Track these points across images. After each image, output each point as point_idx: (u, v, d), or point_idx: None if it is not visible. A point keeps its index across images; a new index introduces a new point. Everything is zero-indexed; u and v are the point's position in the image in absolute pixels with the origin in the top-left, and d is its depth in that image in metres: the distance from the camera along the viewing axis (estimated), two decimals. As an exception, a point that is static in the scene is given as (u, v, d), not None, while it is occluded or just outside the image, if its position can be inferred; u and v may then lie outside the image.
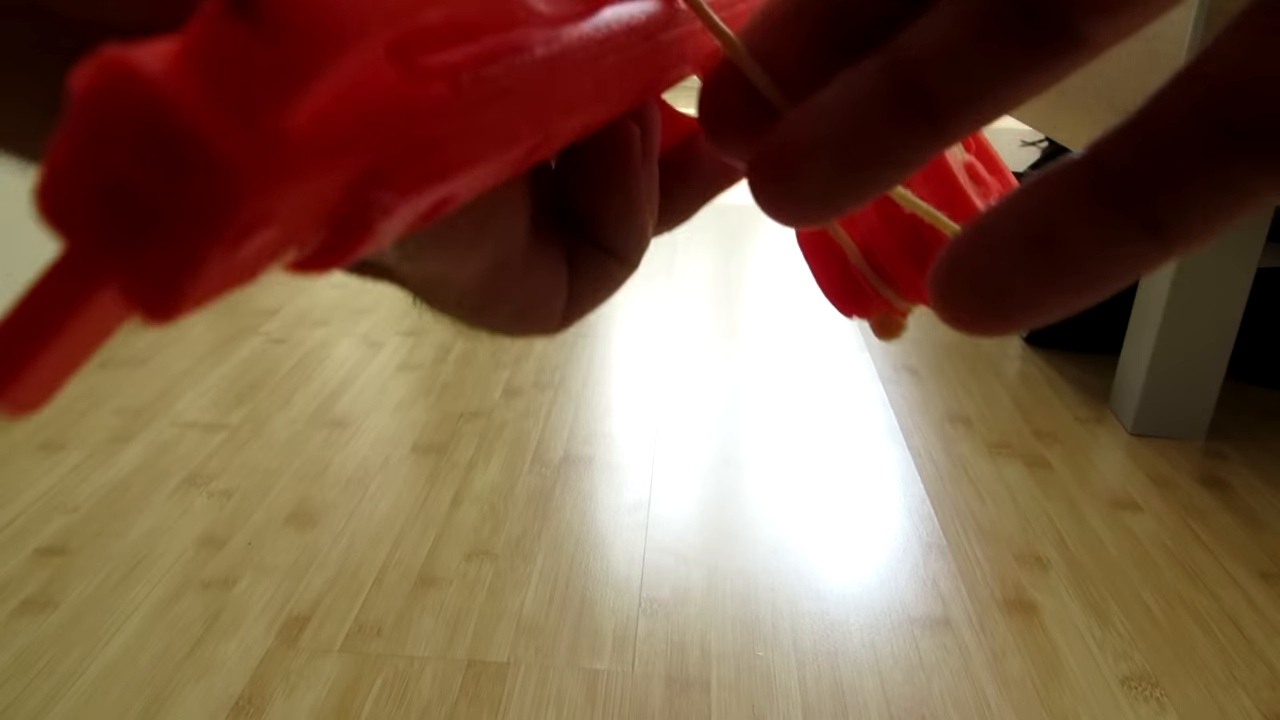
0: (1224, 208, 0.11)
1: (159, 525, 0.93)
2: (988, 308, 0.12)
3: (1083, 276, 0.12)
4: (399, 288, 0.17)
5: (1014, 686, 0.76)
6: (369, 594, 0.84)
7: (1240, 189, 0.11)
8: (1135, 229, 0.12)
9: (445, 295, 0.17)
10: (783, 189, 0.13)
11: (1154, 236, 0.12)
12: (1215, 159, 0.11)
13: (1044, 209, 0.12)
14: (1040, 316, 0.12)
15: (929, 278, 0.13)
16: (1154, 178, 0.11)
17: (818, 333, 1.43)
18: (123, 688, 0.74)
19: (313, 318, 1.44)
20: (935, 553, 0.93)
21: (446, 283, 0.16)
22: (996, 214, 0.12)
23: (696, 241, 1.85)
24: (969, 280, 0.12)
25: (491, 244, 0.16)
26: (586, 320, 1.44)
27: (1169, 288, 1.09)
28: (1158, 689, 0.77)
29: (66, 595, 0.83)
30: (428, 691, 0.74)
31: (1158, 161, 0.11)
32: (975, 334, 0.13)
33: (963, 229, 0.13)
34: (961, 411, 1.21)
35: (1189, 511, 1.01)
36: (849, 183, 0.13)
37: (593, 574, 0.88)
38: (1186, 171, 0.11)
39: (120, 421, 1.12)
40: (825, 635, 0.81)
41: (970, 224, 0.12)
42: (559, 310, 0.19)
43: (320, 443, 1.09)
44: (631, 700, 0.74)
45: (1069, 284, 0.12)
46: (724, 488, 1.02)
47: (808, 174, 0.13)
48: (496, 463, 1.06)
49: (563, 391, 1.23)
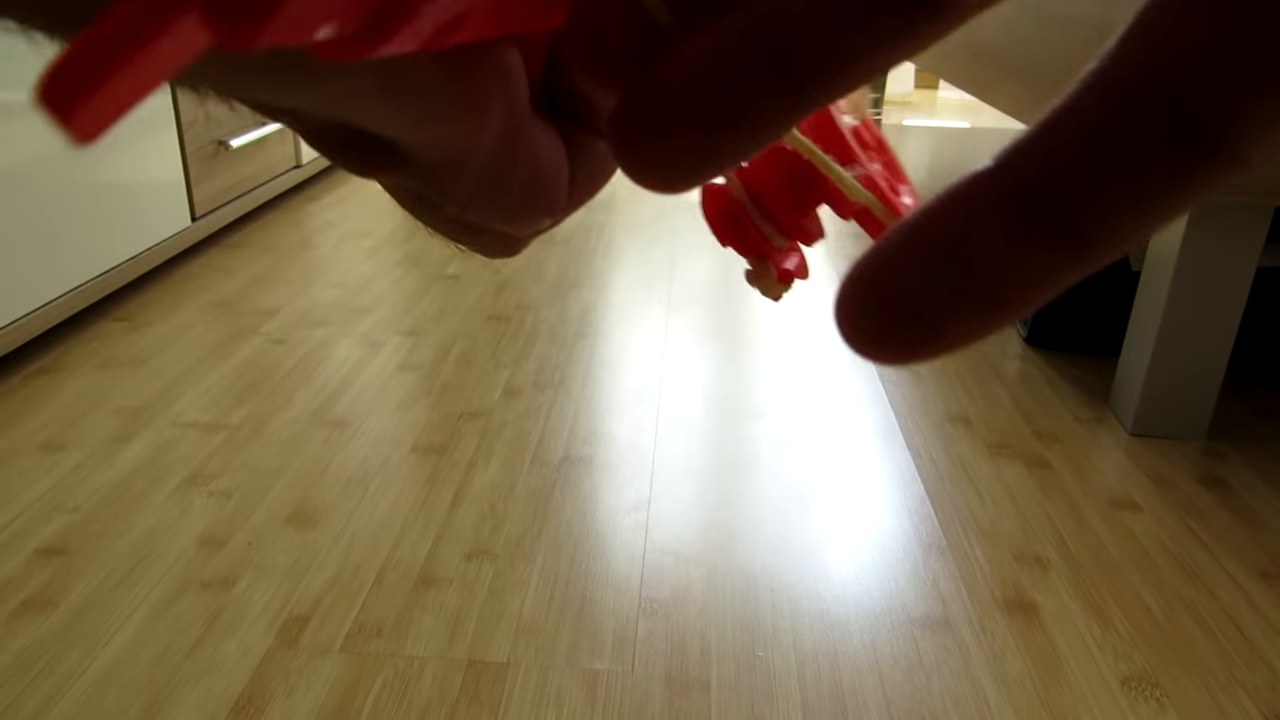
0: (1143, 216, 0.11)
1: (159, 525, 0.93)
2: (897, 330, 0.11)
3: (1000, 295, 0.11)
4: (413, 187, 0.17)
5: (1014, 686, 0.76)
6: (369, 594, 0.84)
7: (1155, 195, 0.11)
8: (1053, 242, 0.11)
9: (459, 176, 0.17)
10: (647, 156, 0.13)
11: (1073, 249, 0.11)
12: (1124, 165, 0.11)
13: (956, 224, 0.11)
14: (950, 341, 0.11)
15: (836, 298, 0.12)
16: (1067, 189, 0.11)
17: (817, 333, 1.43)
18: (123, 688, 0.74)
19: (313, 318, 1.44)
20: (935, 553, 0.93)
21: (462, 158, 0.16)
22: (905, 231, 0.12)
23: (696, 243, 1.85)
24: (875, 301, 0.12)
25: (500, 106, 0.15)
26: (587, 320, 1.44)
27: (1169, 288, 1.09)
28: (1157, 689, 0.77)
29: (66, 595, 0.83)
30: (428, 691, 0.74)
31: (1069, 172, 0.11)
32: (878, 359, 0.12)
33: (868, 250, 0.12)
34: (961, 412, 1.21)
35: (1189, 511, 1.01)
36: (716, 149, 0.12)
37: (593, 574, 0.88)
38: (1099, 181, 0.11)
39: (120, 421, 1.12)
40: (825, 635, 0.81)
41: (877, 242, 0.12)
42: (564, 186, 0.18)
43: (320, 443, 1.09)
44: (631, 700, 0.74)
45: (985, 303, 0.11)
46: (724, 488, 1.02)
47: (672, 142, 0.12)
48: (496, 463, 1.06)
49: (563, 391, 1.23)
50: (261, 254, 1.72)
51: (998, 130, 3.13)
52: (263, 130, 1.81)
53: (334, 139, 0.15)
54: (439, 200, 0.17)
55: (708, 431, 1.14)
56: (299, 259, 1.70)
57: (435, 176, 0.16)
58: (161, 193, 1.52)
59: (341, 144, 0.15)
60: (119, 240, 1.41)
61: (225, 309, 1.46)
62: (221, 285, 1.56)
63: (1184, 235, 1.07)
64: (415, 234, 1.85)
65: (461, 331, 1.40)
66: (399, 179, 0.17)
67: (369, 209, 2.01)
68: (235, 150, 1.75)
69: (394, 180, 0.17)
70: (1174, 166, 0.11)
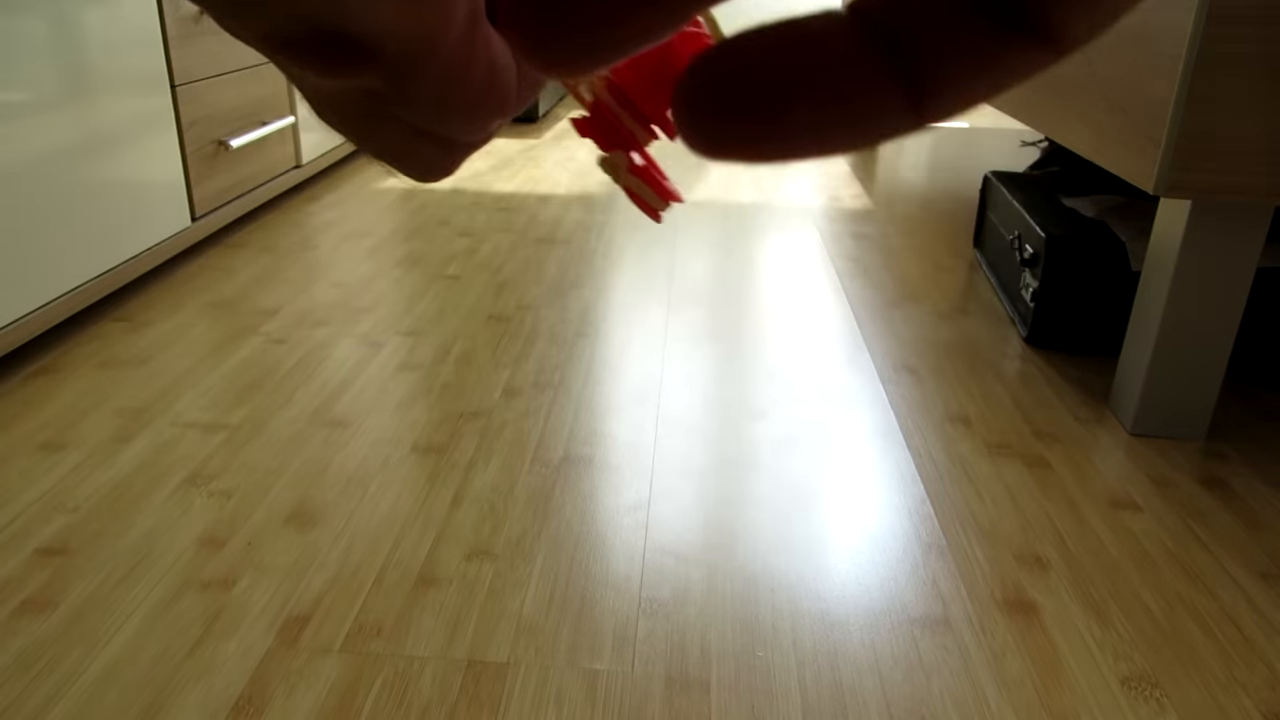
0: (979, 80, 0.11)
1: (159, 525, 0.93)
2: (732, 122, 0.12)
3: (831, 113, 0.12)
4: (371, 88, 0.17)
5: (1014, 687, 0.76)
6: (369, 594, 0.85)
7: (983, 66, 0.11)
8: (891, 81, 0.11)
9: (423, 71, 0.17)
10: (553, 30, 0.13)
11: (910, 99, 0.11)
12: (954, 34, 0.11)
13: (806, 41, 0.12)
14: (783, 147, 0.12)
15: (677, 87, 0.12)
16: (910, 36, 0.11)
17: (817, 333, 1.43)
18: (123, 688, 0.74)
19: (313, 318, 1.44)
20: (935, 553, 0.93)
21: (429, 49, 0.16)
22: (751, 37, 0.12)
23: (696, 242, 1.85)
24: (717, 88, 0.12)
25: None
26: (587, 320, 1.44)
27: (1169, 288, 1.09)
28: (1157, 689, 0.77)
29: (66, 595, 0.83)
30: (428, 691, 0.74)
31: (912, 21, 0.11)
32: (714, 156, 0.12)
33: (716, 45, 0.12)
34: (961, 412, 1.21)
35: (1189, 512, 1.01)
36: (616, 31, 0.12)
37: (593, 574, 0.88)
38: (941, 36, 0.11)
39: (120, 421, 1.12)
40: (825, 635, 0.81)
41: (725, 42, 0.12)
42: (514, 82, 0.19)
43: (320, 443, 1.09)
44: (631, 700, 0.74)
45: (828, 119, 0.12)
46: (724, 488, 1.03)
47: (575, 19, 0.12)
48: (496, 463, 1.06)
49: (563, 391, 1.23)
50: (261, 254, 1.72)
51: (998, 130, 3.13)
52: (263, 130, 1.81)
53: (298, 38, 0.15)
54: (397, 102, 0.17)
55: (708, 431, 1.14)
56: (299, 259, 1.70)
57: (399, 73, 0.16)
58: (161, 193, 1.52)
59: (306, 43, 0.15)
60: (119, 240, 1.41)
61: (225, 309, 1.46)
62: (221, 285, 1.56)
63: (1184, 235, 1.07)
64: (415, 234, 1.85)
65: (461, 331, 1.40)
66: (360, 79, 0.17)
67: (369, 209, 2.01)
68: (235, 150, 1.75)
69: (354, 80, 0.17)
70: (996, 43, 0.11)
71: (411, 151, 0.20)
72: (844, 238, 1.90)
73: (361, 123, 0.19)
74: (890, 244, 1.88)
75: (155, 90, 1.49)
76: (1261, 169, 0.99)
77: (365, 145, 0.19)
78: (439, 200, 2.10)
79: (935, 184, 2.37)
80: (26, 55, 1.21)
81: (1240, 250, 1.07)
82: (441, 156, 0.20)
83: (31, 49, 1.22)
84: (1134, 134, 1.05)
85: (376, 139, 0.19)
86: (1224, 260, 1.08)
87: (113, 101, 1.39)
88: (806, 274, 1.69)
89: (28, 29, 1.21)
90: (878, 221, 2.03)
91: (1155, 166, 1.00)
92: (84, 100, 1.33)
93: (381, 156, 0.20)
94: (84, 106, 1.33)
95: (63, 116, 1.28)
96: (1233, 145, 0.98)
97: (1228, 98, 0.97)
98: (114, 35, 1.39)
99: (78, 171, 1.31)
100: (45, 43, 1.24)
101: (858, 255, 1.80)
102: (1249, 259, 1.08)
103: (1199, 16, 0.95)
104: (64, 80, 1.28)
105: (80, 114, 1.32)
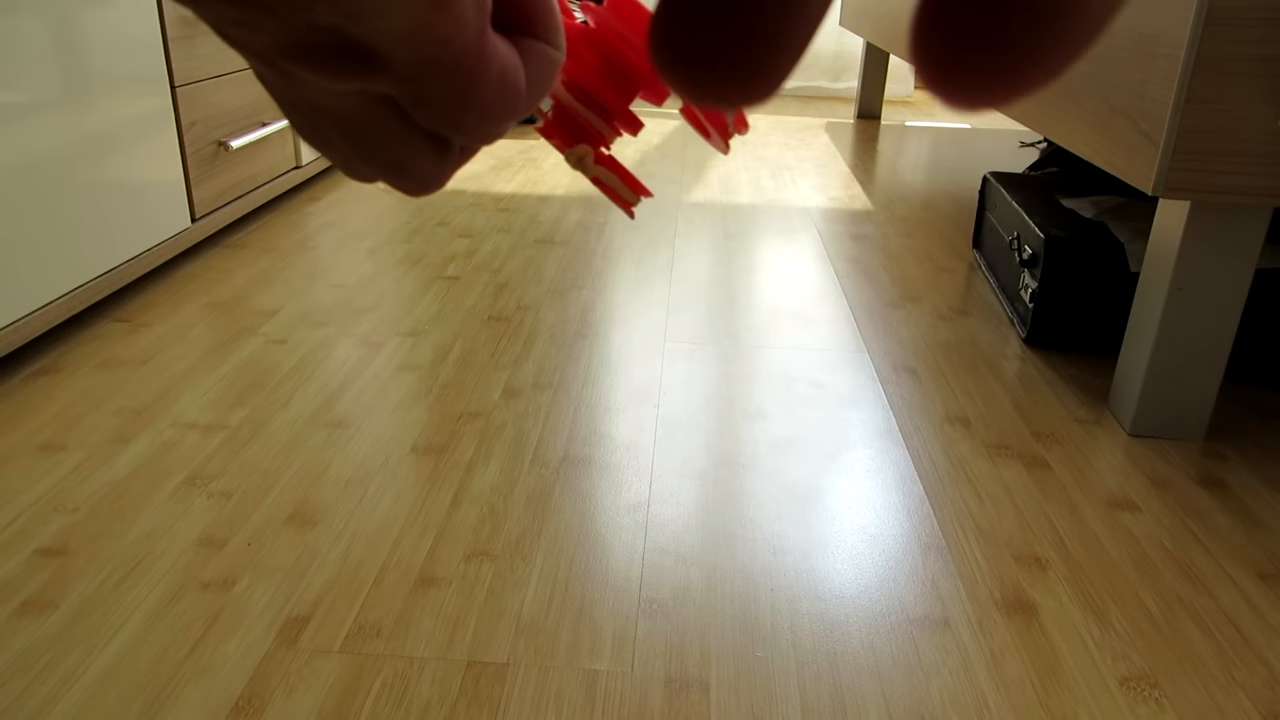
0: None
1: (159, 525, 0.93)
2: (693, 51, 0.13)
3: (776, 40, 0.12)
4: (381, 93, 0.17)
5: (1013, 687, 0.76)
6: (369, 594, 0.85)
7: None
8: None
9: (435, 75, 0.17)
10: None
11: None
12: None
13: None
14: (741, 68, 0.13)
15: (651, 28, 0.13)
16: None
17: (817, 333, 1.43)
18: (123, 688, 0.74)
19: (313, 318, 1.44)
20: (934, 553, 0.93)
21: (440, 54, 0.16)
22: None
23: (696, 242, 1.85)
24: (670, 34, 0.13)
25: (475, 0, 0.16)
26: (587, 320, 1.44)
27: (1168, 288, 1.09)
28: (1156, 689, 0.77)
29: (66, 595, 0.83)
30: (427, 692, 0.74)
31: None
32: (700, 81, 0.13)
33: None
34: (960, 412, 1.21)
35: (1188, 512, 1.01)
36: None
37: (592, 574, 0.88)
38: None
39: (120, 422, 1.12)
40: (825, 636, 0.81)
41: None
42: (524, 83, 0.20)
43: (320, 443, 1.09)
44: (631, 701, 0.74)
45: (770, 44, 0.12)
46: (724, 488, 1.03)
47: None
48: (496, 463, 1.06)
49: (562, 392, 1.23)
50: (261, 254, 1.72)
51: (998, 130, 3.13)
52: (263, 131, 1.81)
53: (310, 44, 0.15)
54: (413, 104, 0.18)
55: (708, 432, 1.14)
56: (299, 259, 1.70)
57: (412, 78, 0.17)
58: (161, 193, 1.52)
59: (318, 49, 0.15)
60: (119, 240, 1.41)
61: (225, 309, 1.46)
62: (221, 286, 1.56)
63: (1183, 236, 1.07)
64: (415, 234, 1.85)
65: (461, 332, 1.40)
66: (373, 83, 0.17)
67: (369, 209, 2.01)
68: (235, 151, 1.75)
69: (367, 85, 0.17)
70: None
71: (408, 162, 0.20)
72: (843, 238, 1.91)
73: (363, 131, 0.19)
74: (889, 245, 1.88)
75: (155, 91, 1.50)
76: (1261, 170, 0.99)
77: (361, 157, 0.19)
78: (439, 201, 2.10)
79: (934, 185, 2.38)
80: (26, 55, 1.21)
81: (1239, 251, 1.07)
82: (436, 167, 0.20)
83: (31, 49, 1.22)
84: (1133, 135, 1.05)
85: (375, 148, 0.19)
86: (1223, 261, 1.08)
87: (113, 102, 1.39)
88: (806, 275, 1.69)
89: (28, 29, 1.21)
90: (877, 222, 2.03)
91: (1154, 167, 1.00)
92: (84, 101, 1.33)
93: (376, 169, 0.20)
94: (84, 107, 1.33)
95: (63, 117, 1.28)
96: (1232, 146, 0.99)
97: (1227, 99, 0.97)
98: (114, 36, 1.39)
99: (78, 172, 1.31)
100: (45, 43, 1.24)
101: (857, 256, 1.80)
102: (1248, 260, 1.08)
103: (1199, 17, 0.95)
104: (64, 81, 1.28)
105: (80, 115, 1.32)
